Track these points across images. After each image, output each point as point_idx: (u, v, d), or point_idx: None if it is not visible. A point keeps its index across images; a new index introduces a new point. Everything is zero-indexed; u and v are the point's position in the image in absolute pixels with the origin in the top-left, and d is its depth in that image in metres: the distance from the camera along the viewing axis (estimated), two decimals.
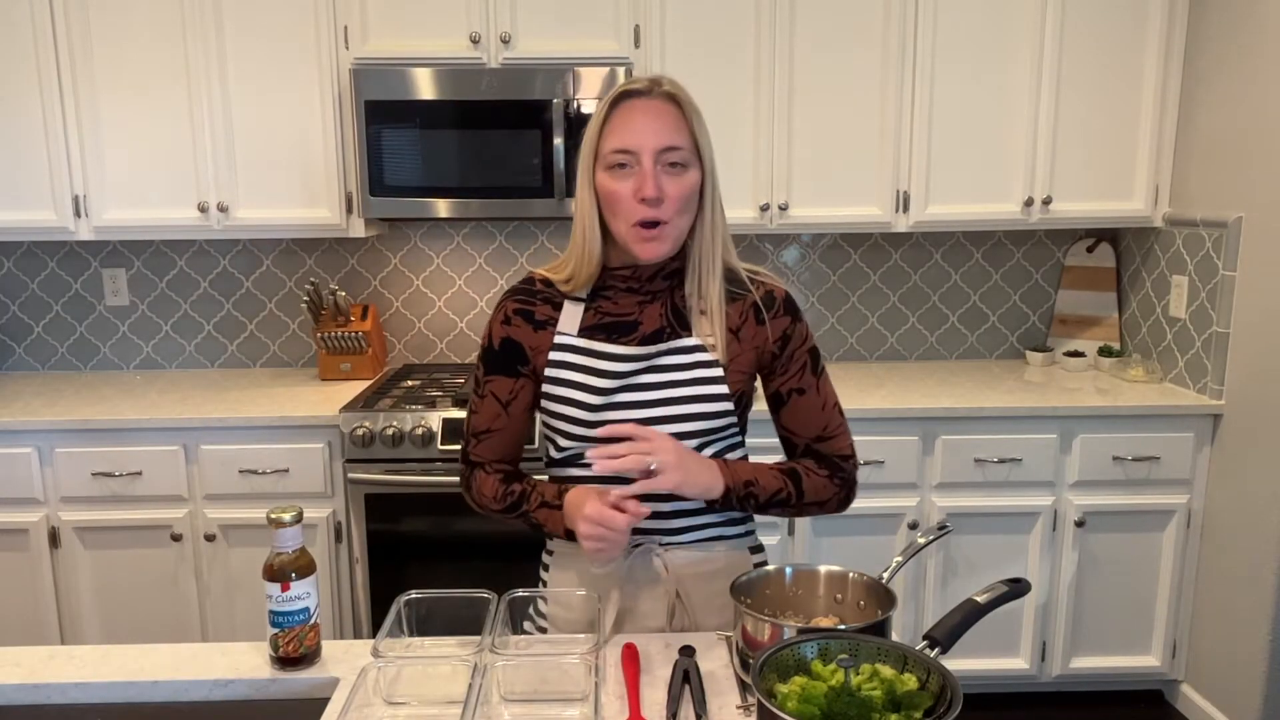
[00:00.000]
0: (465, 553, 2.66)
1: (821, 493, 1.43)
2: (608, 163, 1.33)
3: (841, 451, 1.45)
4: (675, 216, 1.32)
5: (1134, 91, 2.87)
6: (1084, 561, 2.79)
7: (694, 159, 1.34)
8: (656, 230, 1.32)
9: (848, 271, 3.32)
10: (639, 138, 1.30)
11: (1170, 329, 2.94)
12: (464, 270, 3.29)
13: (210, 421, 2.66)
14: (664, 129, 1.31)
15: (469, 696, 1.13)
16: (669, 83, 1.35)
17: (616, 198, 1.32)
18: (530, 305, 1.43)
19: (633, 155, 1.30)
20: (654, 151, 1.30)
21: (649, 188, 1.29)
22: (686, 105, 1.33)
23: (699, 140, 1.34)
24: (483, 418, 1.45)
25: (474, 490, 1.48)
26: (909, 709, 0.99)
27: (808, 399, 1.43)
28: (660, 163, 1.31)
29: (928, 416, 2.71)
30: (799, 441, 1.45)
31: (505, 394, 1.44)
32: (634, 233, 1.33)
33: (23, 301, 3.27)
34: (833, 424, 1.45)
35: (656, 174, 1.30)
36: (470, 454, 1.48)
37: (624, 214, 1.32)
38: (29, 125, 2.79)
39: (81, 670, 1.30)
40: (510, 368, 1.43)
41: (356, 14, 2.76)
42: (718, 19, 2.79)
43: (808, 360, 1.44)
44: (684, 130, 1.32)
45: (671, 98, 1.33)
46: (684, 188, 1.32)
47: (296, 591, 1.27)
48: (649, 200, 1.30)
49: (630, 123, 1.31)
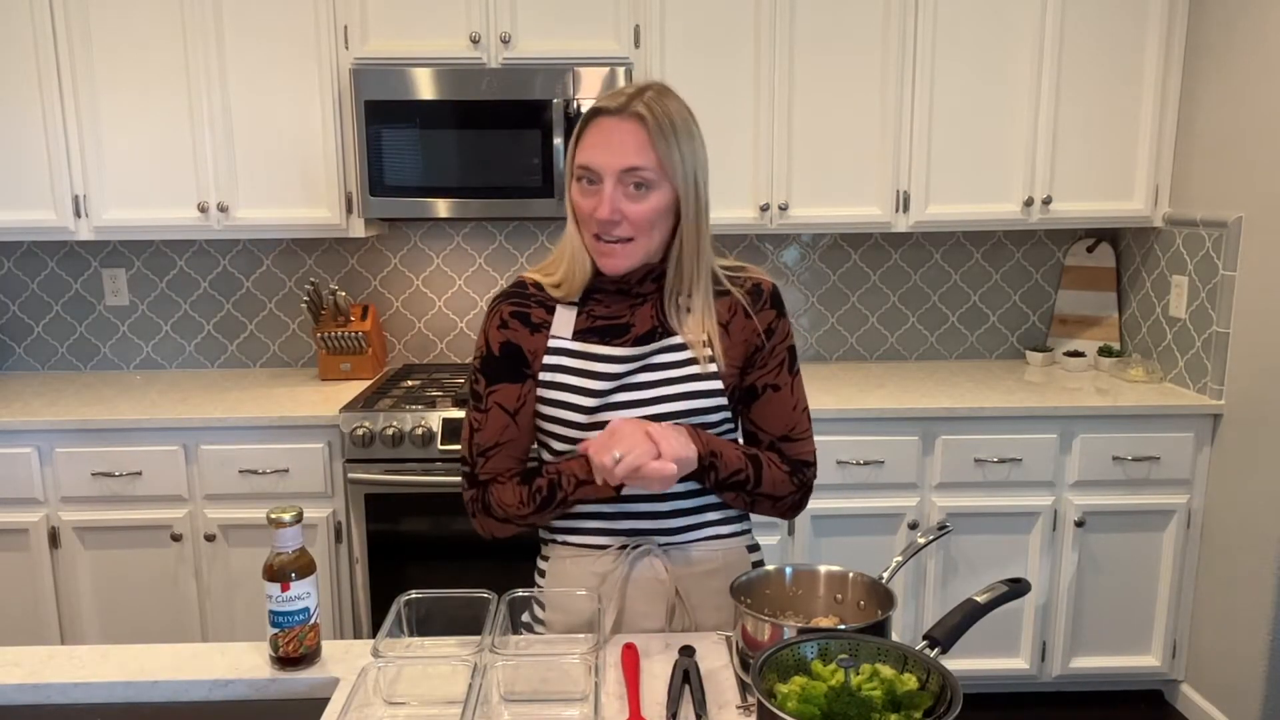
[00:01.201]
0: (465, 553, 2.66)
1: (779, 487, 1.41)
2: (577, 176, 1.35)
3: (804, 456, 1.45)
4: (639, 234, 1.33)
5: (1134, 91, 2.87)
6: (1084, 561, 2.79)
7: (660, 178, 1.31)
8: (615, 246, 1.33)
9: (848, 271, 3.32)
10: (602, 157, 1.31)
11: (1170, 329, 2.94)
12: (464, 270, 3.29)
13: (210, 421, 2.66)
14: (627, 150, 1.30)
15: (469, 696, 1.13)
16: (647, 99, 1.32)
17: (581, 211, 1.36)
18: (525, 308, 1.43)
19: (596, 173, 1.32)
20: (615, 172, 1.30)
21: (604, 209, 1.31)
22: (654, 125, 1.30)
23: (664, 160, 1.30)
24: (488, 433, 1.40)
25: (492, 506, 1.40)
26: (909, 709, 0.99)
27: (781, 396, 1.43)
28: (623, 183, 1.31)
29: (928, 416, 2.71)
30: (764, 438, 1.45)
31: (512, 403, 1.40)
32: (595, 245, 1.35)
33: (23, 301, 3.27)
34: (800, 426, 1.45)
35: (615, 196, 1.30)
36: (478, 474, 1.41)
37: (587, 227, 1.36)
38: (29, 125, 2.79)
39: (81, 670, 1.30)
40: (515, 373, 1.41)
41: (356, 14, 2.76)
42: (718, 19, 2.79)
43: (786, 357, 1.44)
44: (648, 152, 1.30)
45: (640, 118, 1.30)
46: (646, 209, 1.32)
47: (296, 591, 1.27)
48: (602, 222, 1.31)
49: (596, 141, 1.32)
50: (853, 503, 2.74)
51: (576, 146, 1.35)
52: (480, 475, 1.41)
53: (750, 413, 1.45)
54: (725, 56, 2.81)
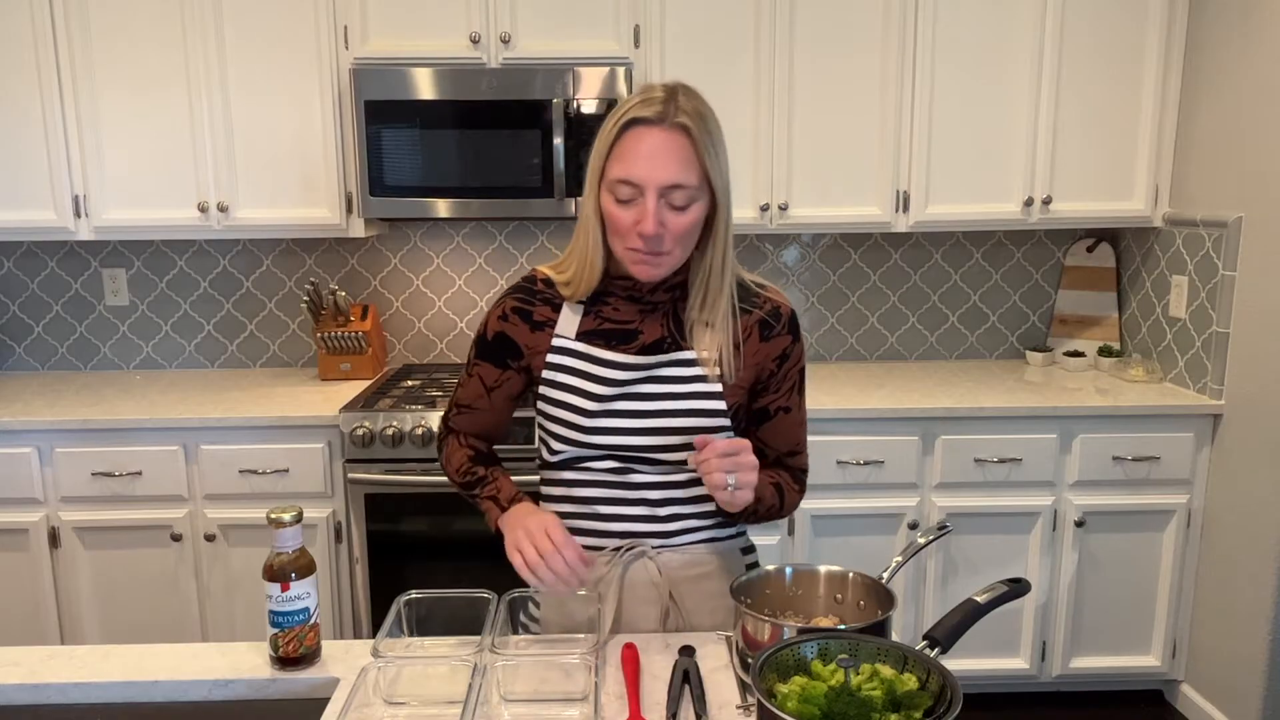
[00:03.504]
0: (465, 553, 2.66)
1: (791, 508, 1.48)
2: (612, 189, 1.29)
3: (804, 465, 1.51)
4: (675, 247, 1.31)
5: (1134, 91, 2.87)
6: (1084, 561, 2.79)
7: (703, 192, 1.29)
8: (654, 257, 1.31)
9: (848, 271, 3.32)
10: (645, 172, 1.25)
11: (1170, 329, 2.94)
12: (464, 270, 3.29)
13: (210, 421, 2.66)
14: (672, 165, 1.26)
15: (469, 696, 1.13)
16: (684, 108, 1.27)
17: (617, 222, 1.30)
18: (529, 305, 1.44)
19: (637, 189, 1.27)
20: (659, 188, 1.26)
21: (649, 224, 1.26)
22: (700, 137, 1.27)
23: (710, 173, 1.28)
24: (467, 393, 1.51)
25: (444, 454, 1.55)
26: (909, 709, 0.99)
27: (790, 417, 1.45)
28: (665, 198, 1.27)
29: (928, 416, 2.71)
30: (770, 454, 1.46)
31: (490, 380, 1.48)
32: (631, 255, 1.32)
33: (23, 301, 3.27)
34: (802, 440, 1.49)
35: (659, 210, 1.26)
36: (450, 420, 1.55)
37: (623, 238, 1.31)
38: (29, 125, 2.79)
39: (81, 670, 1.30)
40: (499, 359, 1.46)
41: (356, 14, 2.76)
42: (718, 19, 2.79)
43: (797, 380, 1.45)
44: (694, 165, 1.27)
45: (685, 130, 1.26)
46: (686, 224, 1.29)
47: (296, 591, 1.27)
48: (647, 238, 1.28)
49: (637, 154, 1.26)
50: (853, 503, 2.74)
51: (610, 156, 1.29)
52: (451, 423, 1.55)
53: (759, 432, 1.45)
54: (725, 56, 2.81)
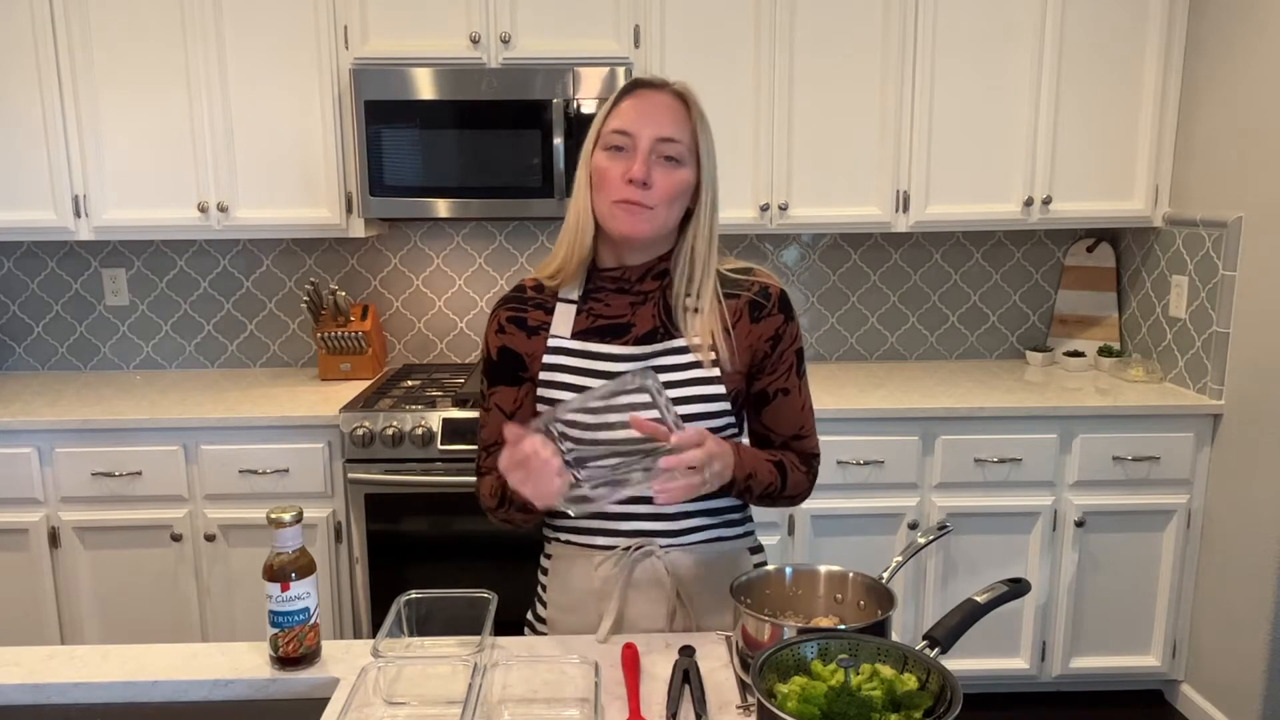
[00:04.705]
0: (465, 553, 2.66)
1: (797, 487, 1.44)
2: (606, 142, 1.35)
3: (812, 449, 1.48)
4: (660, 205, 1.33)
5: (1134, 91, 2.87)
6: (1084, 561, 2.79)
7: (690, 157, 1.35)
8: (639, 209, 1.32)
9: (848, 271, 3.32)
10: (639, 122, 1.32)
11: (1170, 329, 2.94)
12: (464, 270, 3.29)
13: (210, 421, 2.66)
14: (664, 120, 1.33)
15: (469, 697, 1.13)
16: (683, 85, 1.38)
17: (606, 176, 1.34)
18: (522, 312, 1.44)
19: (630, 138, 1.32)
20: (651, 139, 1.31)
21: (637, 169, 1.31)
22: (694, 106, 1.36)
23: (699, 141, 1.35)
24: (490, 430, 1.45)
25: (479, 495, 1.48)
26: (909, 709, 0.99)
27: (790, 399, 1.44)
28: (655, 152, 1.32)
29: (928, 416, 2.71)
30: (775, 439, 1.46)
31: (509, 404, 1.44)
32: (615, 208, 1.33)
33: (23, 301, 3.27)
34: (808, 424, 1.47)
35: (649, 162, 1.32)
36: (482, 466, 1.47)
37: (609, 191, 1.33)
38: (29, 125, 2.79)
39: (81, 670, 1.30)
40: (512, 376, 1.43)
41: (356, 14, 2.76)
42: (718, 19, 2.79)
43: (794, 360, 1.44)
44: (686, 127, 1.34)
45: (680, 95, 1.36)
46: (674, 182, 1.33)
47: (296, 591, 1.27)
48: (634, 181, 1.31)
49: (635, 109, 1.34)
50: (853, 503, 2.74)
51: (609, 116, 1.36)
52: (483, 468, 1.46)
53: (761, 417, 1.45)
54: (725, 56, 2.81)
